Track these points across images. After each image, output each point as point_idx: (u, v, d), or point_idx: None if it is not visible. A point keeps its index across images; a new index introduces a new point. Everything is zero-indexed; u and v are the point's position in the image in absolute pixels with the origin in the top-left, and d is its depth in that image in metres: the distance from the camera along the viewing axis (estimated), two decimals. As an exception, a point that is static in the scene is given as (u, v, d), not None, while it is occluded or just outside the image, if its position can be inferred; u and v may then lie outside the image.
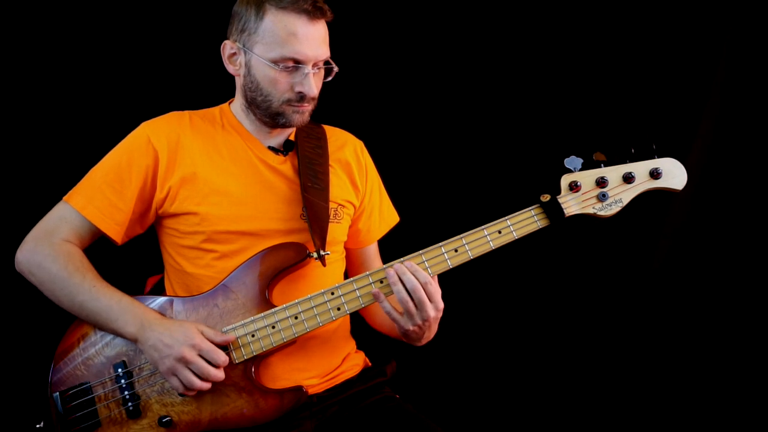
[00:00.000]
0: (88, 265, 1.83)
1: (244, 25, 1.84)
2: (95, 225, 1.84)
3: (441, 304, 1.77)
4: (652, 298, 2.71)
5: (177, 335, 1.72)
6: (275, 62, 1.81)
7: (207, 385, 1.73)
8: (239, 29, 1.86)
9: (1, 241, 2.38)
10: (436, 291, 1.75)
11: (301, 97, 1.85)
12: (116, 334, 1.79)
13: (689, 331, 2.69)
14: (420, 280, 1.73)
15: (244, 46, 1.86)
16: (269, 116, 1.89)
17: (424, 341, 1.87)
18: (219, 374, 1.73)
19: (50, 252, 1.82)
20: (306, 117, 1.91)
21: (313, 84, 1.84)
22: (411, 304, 1.73)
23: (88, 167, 1.90)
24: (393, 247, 2.09)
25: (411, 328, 1.76)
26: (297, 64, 1.82)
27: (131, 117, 1.96)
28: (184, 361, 1.71)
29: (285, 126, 1.92)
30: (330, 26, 1.90)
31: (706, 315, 2.67)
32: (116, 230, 1.86)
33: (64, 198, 1.87)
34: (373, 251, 2.15)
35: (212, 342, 1.74)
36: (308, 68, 1.83)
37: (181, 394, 1.77)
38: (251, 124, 1.96)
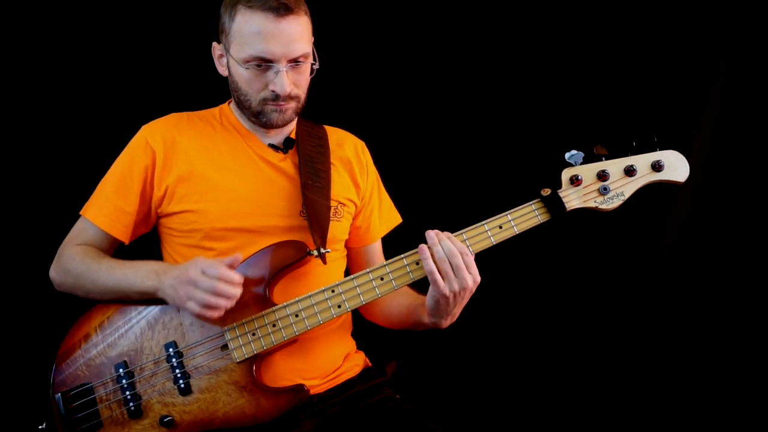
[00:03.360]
0: (105, 255, 1.89)
1: (223, 27, 1.86)
2: (105, 231, 1.89)
3: (478, 277, 1.74)
4: (655, 297, 2.68)
5: (185, 267, 1.71)
6: (245, 62, 1.81)
7: (221, 302, 1.67)
8: (221, 31, 1.88)
9: (3, 245, 2.41)
10: (473, 263, 1.73)
11: (276, 96, 1.84)
12: (142, 295, 1.80)
13: (692, 330, 2.67)
14: (458, 248, 1.71)
15: (224, 47, 1.87)
16: (253, 115, 1.90)
17: (450, 320, 1.82)
18: (228, 288, 1.67)
19: (69, 255, 1.89)
20: (288, 115, 1.89)
21: (285, 82, 1.81)
22: (449, 267, 1.70)
23: (101, 175, 1.96)
24: (394, 243, 2.08)
25: (448, 293, 1.71)
26: (267, 62, 1.80)
27: (142, 122, 1.98)
28: (192, 282, 1.68)
29: (268, 125, 1.91)
30: (328, 26, 1.89)
31: (709, 314, 2.64)
32: (124, 232, 1.91)
33: (80, 212, 1.94)
34: (376, 250, 2.14)
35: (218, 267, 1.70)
36: (279, 66, 1.80)
37: (182, 390, 1.76)
38: (247, 122, 1.96)
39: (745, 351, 2.61)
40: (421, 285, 1.82)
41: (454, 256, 1.71)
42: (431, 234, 1.74)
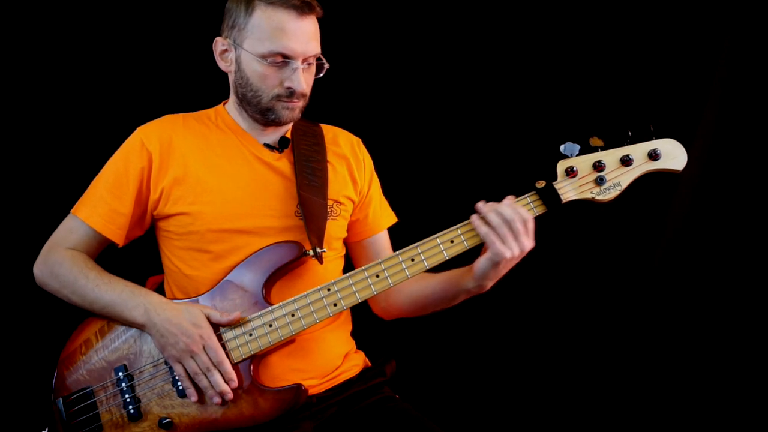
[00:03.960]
0: (92, 264, 1.87)
1: (234, 21, 1.87)
2: (98, 232, 1.88)
3: (533, 242, 1.73)
4: (653, 296, 2.64)
5: (183, 321, 1.74)
6: (264, 57, 1.82)
7: (207, 385, 1.73)
8: (230, 25, 1.88)
9: (4, 249, 2.43)
10: (533, 228, 1.73)
11: (291, 93, 1.85)
12: (128, 324, 1.81)
13: (689, 329, 2.62)
14: (521, 215, 1.71)
15: (234, 42, 1.87)
16: (259, 112, 1.90)
17: (494, 282, 1.81)
18: (219, 381, 1.73)
19: (57, 259, 1.87)
20: (296, 113, 1.90)
21: (302, 79, 1.84)
22: (507, 231, 1.70)
23: (93, 175, 1.95)
24: (391, 240, 2.07)
25: (509, 255, 1.71)
26: (285, 59, 1.82)
27: (135, 123, 1.99)
28: (190, 353, 1.73)
29: (275, 122, 1.91)
30: (327, 24, 1.90)
31: (706, 313, 2.60)
32: (118, 234, 1.90)
33: (71, 210, 1.92)
34: (382, 242, 2.10)
35: (219, 323, 1.76)
36: (297, 63, 1.83)
37: (181, 393, 1.77)
38: (245, 122, 1.96)
39: (744, 348, 2.57)
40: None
41: (514, 222, 1.70)
42: (479, 205, 1.74)
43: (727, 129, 2.58)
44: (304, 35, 1.83)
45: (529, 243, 1.73)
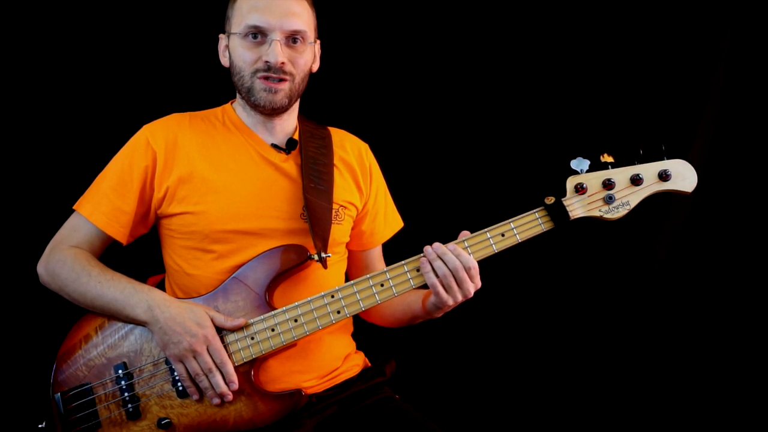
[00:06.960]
0: (94, 262, 1.85)
1: (227, 14, 1.92)
2: (102, 230, 1.87)
3: (480, 283, 1.77)
4: (653, 300, 2.67)
5: (187, 321, 1.73)
6: (242, 35, 1.85)
7: (207, 385, 1.73)
8: (226, 21, 1.93)
9: (4, 246, 2.40)
10: (477, 273, 1.75)
11: (268, 67, 1.85)
12: (130, 321, 1.80)
13: (689, 332, 2.65)
14: (462, 262, 1.73)
15: (227, 33, 1.92)
16: (246, 97, 1.90)
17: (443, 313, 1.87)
18: (220, 382, 1.73)
19: (59, 258, 1.85)
20: (279, 98, 1.88)
21: (278, 51, 1.83)
22: (452, 280, 1.73)
23: (97, 172, 1.93)
24: (395, 249, 2.07)
25: (452, 303, 1.76)
26: (261, 32, 1.84)
27: (139, 121, 1.96)
28: (193, 352, 1.72)
29: (258, 106, 1.89)
30: (339, 29, 1.88)
31: (706, 316, 2.63)
32: (122, 233, 1.88)
33: (74, 207, 1.91)
34: (376, 254, 2.14)
35: (223, 327, 1.76)
36: (272, 36, 1.83)
37: (180, 393, 1.76)
38: (250, 119, 1.95)
39: (744, 352, 2.60)
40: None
41: (459, 271, 1.73)
42: (429, 250, 1.75)
43: (727, 129, 2.58)
44: (279, 8, 1.84)
45: (473, 288, 1.76)
